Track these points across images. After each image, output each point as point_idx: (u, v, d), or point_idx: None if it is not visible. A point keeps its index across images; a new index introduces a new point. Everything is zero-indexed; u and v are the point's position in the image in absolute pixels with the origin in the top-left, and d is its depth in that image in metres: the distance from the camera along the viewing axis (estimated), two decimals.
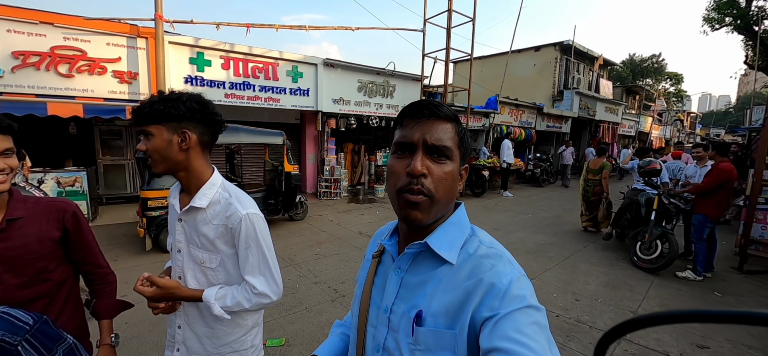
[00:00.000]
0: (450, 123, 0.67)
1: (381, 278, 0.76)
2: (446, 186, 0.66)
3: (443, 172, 0.65)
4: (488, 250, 0.66)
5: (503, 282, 0.59)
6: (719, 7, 13.99)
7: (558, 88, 15.80)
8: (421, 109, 0.67)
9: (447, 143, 0.65)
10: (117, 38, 6.11)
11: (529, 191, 11.13)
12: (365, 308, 0.75)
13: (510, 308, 0.56)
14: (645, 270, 4.50)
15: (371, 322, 0.74)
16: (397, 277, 0.71)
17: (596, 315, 3.38)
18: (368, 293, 0.76)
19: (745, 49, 14.55)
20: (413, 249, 0.69)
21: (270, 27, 7.68)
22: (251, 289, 1.10)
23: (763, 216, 4.91)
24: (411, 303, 0.66)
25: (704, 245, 4.34)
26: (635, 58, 36.49)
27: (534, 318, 0.56)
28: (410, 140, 0.66)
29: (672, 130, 28.56)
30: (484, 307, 0.58)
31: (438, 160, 0.65)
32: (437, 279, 0.65)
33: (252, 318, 1.24)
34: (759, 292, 4.04)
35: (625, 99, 21.24)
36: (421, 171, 0.63)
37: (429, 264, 0.68)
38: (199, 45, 6.86)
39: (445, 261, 0.66)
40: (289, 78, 8.00)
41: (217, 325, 1.16)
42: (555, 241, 5.76)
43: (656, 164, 5.00)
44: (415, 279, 0.68)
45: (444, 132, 0.66)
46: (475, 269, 0.63)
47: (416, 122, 0.66)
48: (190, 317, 1.17)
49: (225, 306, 1.09)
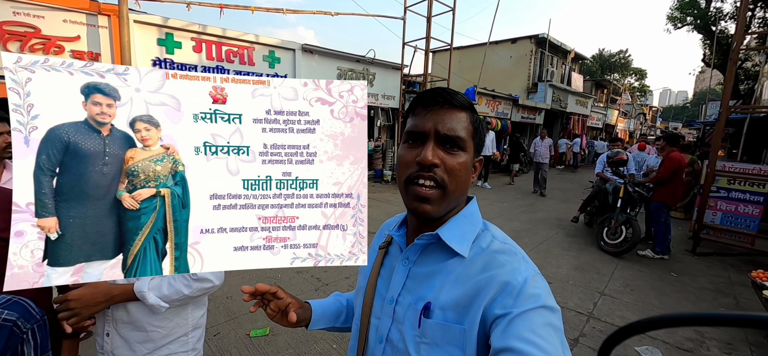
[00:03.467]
0: (465, 112, 0.64)
1: (387, 269, 0.73)
2: (459, 178, 0.63)
3: (456, 163, 0.62)
4: (502, 246, 0.64)
5: (518, 280, 0.57)
6: (682, 6, 14.83)
7: (533, 80, 16.25)
8: (435, 96, 0.63)
9: (460, 133, 0.62)
10: (75, 15, 5.65)
11: (504, 180, 11.47)
12: (370, 299, 0.73)
13: (524, 307, 0.54)
14: (611, 253, 4.79)
15: (375, 313, 0.72)
16: (405, 268, 0.69)
17: (567, 296, 3.58)
18: (373, 284, 0.73)
19: (703, 48, 15.53)
20: (423, 240, 0.67)
21: (246, 9, 7.36)
22: (190, 274, 0.98)
23: (714, 204, 5.34)
24: (418, 294, 0.65)
25: (662, 227, 4.74)
26: (604, 53, 38.06)
27: (548, 320, 0.54)
28: (422, 129, 0.63)
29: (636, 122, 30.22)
30: (496, 305, 0.56)
31: (451, 151, 0.63)
32: (447, 272, 0.64)
33: (193, 315, 1.13)
34: (709, 272, 4.42)
35: (594, 92, 22.17)
36: (433, 161, 0.60)
37: (438, 256, 0.66)
38: (168, 25, 6.49)
39: (456, 254, 0.64)
40: (265, 63, 7.75)
41: (152, 327, 1.03)
42: (529, 228, 6.01)
43: (623, 155, 5.29)
44: (424, 271, 0.67)
45: (458, 121, 0.63)
46: (488, 264, 0.61)
47: (429, 110, 0.63)
48: (119, 322, 1.02)
49: (162, 295, 0.98)
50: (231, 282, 3.47)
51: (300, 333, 2.72)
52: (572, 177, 13.54)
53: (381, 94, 10.01)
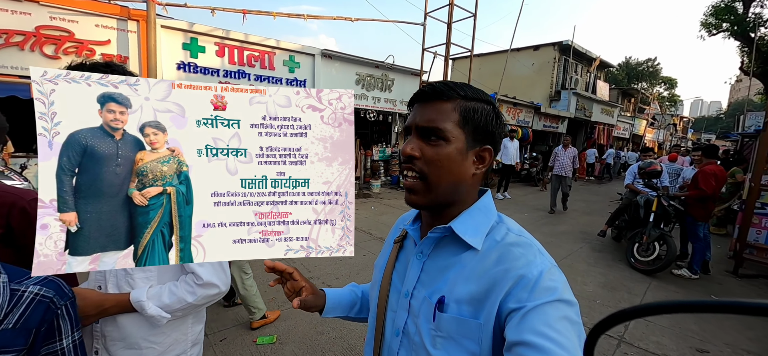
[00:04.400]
0: (451, 102, 0.64)
1: (402, 263, 0.75)
2: (442, 168, 0.63)
3: (435, 153, 0.63)
4: (517, 238, 0.63)
5: (533, 273, 0.56)
6: (717, 12, 14.09)
7: (556, 88, 15.81)
8: (423, 91, 0.66)
9: (440, 123, 0.62)
10: (106, 20, 5.89)
11: (523, 190, 11.12)
12: (385, 292, 0.74)
13: (539, 301, 0.53)
14: (642, 271, 4.47)
15: (391, 307, 0.73)
16: (419, 262, 0.69)
17: (595, 316, 3.33)
18: (389, 277, 0.75)
19: (740, 56, 14.68)
20: (436, 233, 0.67)
21: (267, 14, 7.48)
22: (195, 280, 0.93)
23: (758, 221, 4.92)
24: (432, 288, 0.65)
25: (701, 244, 4.39)
26: (631, 61, 36.77)
27: (564, 313, 0.52)
28: (409, 124, 0.67)
29: (665, 133, 28.90)
30: (511, 298, 0.55)
31: (430, 142, 0.63)
32: (461, 265, 0.63)
33: (193, 330, 1.04)
34: (752, 295, 4.04)
35: (620, 101, 21.37)
36: (410, 153, 0.63)
37: (452, 250, 0.66)
38: (193, 30, 6.66)
39: (470, 247, 0.63)
40: (285, 68, 7.84)
41: (147, 344, 0.95)
42: (551, 241, 5.73)
43: (657, 165, 4.97)
44: (438, 264, 0.67)
45: (439, 112, 0.63)
46: (503, 257, 0.60)
47: (416, 105, 0.67)
48: (108, 339, 0.94)
49: (162, 305, 0.91)
50: None
51: (307, 343, 2.63)
52: (597, 188, 13.00)
53: (399, 100, 9.94)
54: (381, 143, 10.33)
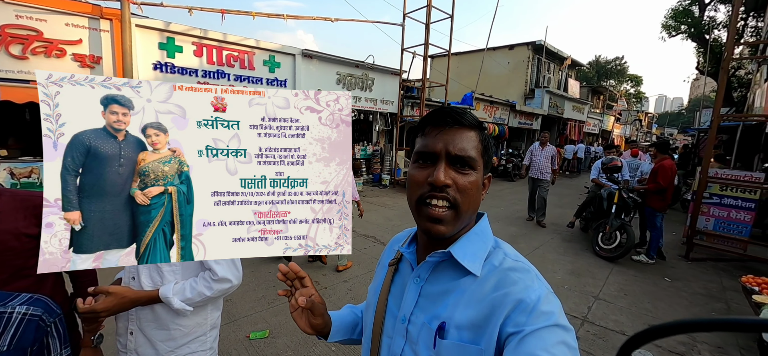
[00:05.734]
0: (473, 131, 0.65)
1: (398, 287, 0.73)
2: (470, 197, 0.64)
3: (468, 182, 0.63)
4: (514, 263, 0.63)
5: (532, 298, 0.57)
6: (676, 15, 15.06)
7: (530, 86, 16.41)
8: (444, 116, 0.64)
9: (471, 153, 0.63)
10: (77, 18, 5.70)
11: (501, 185, 11.56)
12: (380, 318, 0.72)
13: (537, 325, 0.54)
14: (605, 258, 4.86)
15: (387, 332, 0.71)
16: (417, 287, 0.68)
17: (563, 300, 3.55)
18: (384, 302, 0.73)
19: (697, 56, 15.75)
20: (435, 257, 0.66)
21: (247, 14, 7.44)
22: (211, 276, 1.06)
23: (707, 209, 5.42)
24: (432, 313, 0.64)
25: (657, 232, 4.85)
26: (600, 59, 38.44)
27: (561, 338, 0.53)
28: (433, 150, 0.63)
29: (631, 129, 30.46)
30: (509, 323, 0.56)
31: (461, 170, 0.63)
32: (460, 290, 0.63)
33: (212, 315, 1.18)
34: (702, 277, 4.49)
35: (590, 98, 22.38)
36: (445, 181, 0.61)
37: (451, 274, 0.66)
38: (170, 30, 6.54)
39: (468, 272, 0.63)
40: (265, 68, 7.81)
41: (174, 326, 1.09)
42: (525, 233, 6.09)
43: (618, 161, 5.37)
44: (436, 289, 0.66)
45: (468, 141, 0.64)
46: (501, 282, 0.61)
47: (439, 130, 0.64)
48: (143, 321, 1.08)
49: (185, 299, 1.04)
50: None
51: (298, 336, 2.75)
52: (569, 181, 13.65)
53: (380, 99, 10.09)
54: (362, 142, 10.46)
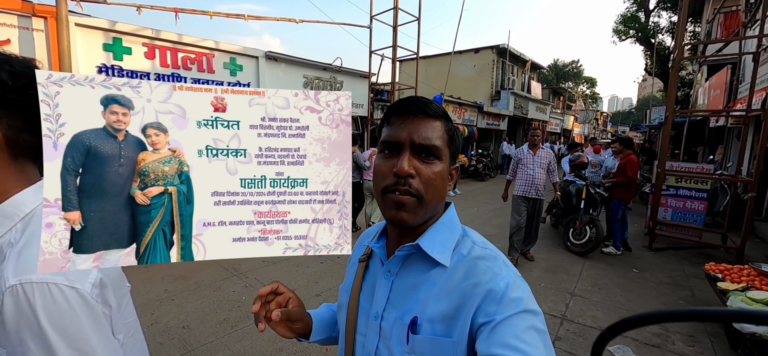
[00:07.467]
0: (439, 120, 0.65)
1: (369, 283, 0.73)
2: (435, 187, 0.63)
3: (432, 173, 0.63)
4: (482, 251, 0.64)
5: (500, 286, 0.57)
6: (625, 20, 16.19)
7: (496, 88, 16.91)
8: (409, 106, 0.64)
9: (436, 142, 0.63)
10: (4, 16, 5.05)
11: (472, 185, 11.73)
12: (353, 316, 0.72)
13: (507, 313, 0.54)
14: (577, 253, 4.96)
15: (360, 330, 0.71)
16: (387, 282, 0.68)
17: (540, 299, 3.61)
18: (356, 299, 0.73)
19: (644, 58, 17.00)
20: (404, 251, 0.66)
21: (203, 13, 6.99)
22: None
23: (665, 201, 5.72)
24: (403, 308, 0.64)
25: (619, 225, 5.08)
26: (559, 62, 40.66)
27: (531, 323, 0.54)
28: (397, 139, 0.64)
29: (589, 127, 32.41)
30: (480, 313, 0.56)
31: (426, 160, 0.63)
32: (431, 282, 0.63)
33: None
34: (666, 266, 4.68)
35: (551, 99, 23.50)
36: (408, 171, 0.61)
37: (421, 267, 0.66)
38: (116, 30, 5.99)
39: (438, 263, 0.63)
40: (226, 71, 7.38)
41: None
42: (500, 232, 6.11)
43: (584, 157, 5.54)
44: (407, 283, 0.66)
45: (433, 130, 0.63)
46: (470, 271, 0.60)
47: (403, 120, 0.64)
48: None
49: None
50: (188, 309, 3.16)
51: None
52: None
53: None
54: None
